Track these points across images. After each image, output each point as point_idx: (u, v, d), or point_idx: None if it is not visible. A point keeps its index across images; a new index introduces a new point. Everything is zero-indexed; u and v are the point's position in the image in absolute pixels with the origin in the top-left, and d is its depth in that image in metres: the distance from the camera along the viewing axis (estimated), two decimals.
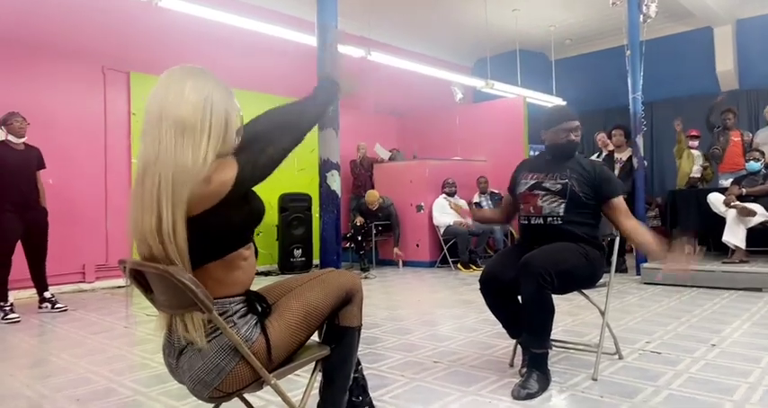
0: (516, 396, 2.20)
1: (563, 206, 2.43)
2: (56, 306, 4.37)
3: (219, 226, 1.37)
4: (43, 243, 4.39)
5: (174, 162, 1.30)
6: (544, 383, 2.28)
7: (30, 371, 2.81)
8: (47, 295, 4.41)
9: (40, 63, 5.37)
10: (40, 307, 4.38)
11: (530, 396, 2.20)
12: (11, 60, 5.19)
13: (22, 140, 4.29)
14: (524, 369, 2.50)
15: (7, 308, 4.12)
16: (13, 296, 4.28)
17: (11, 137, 4.23)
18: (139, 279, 1.48)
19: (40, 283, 4.43)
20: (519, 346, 2.59)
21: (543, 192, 2.48)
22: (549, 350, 2.36)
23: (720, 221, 5.04)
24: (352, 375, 1.72)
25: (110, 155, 5.80)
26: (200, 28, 5.74)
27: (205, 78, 1.41)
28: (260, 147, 1.41)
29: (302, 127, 1.54)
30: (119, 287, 5.65)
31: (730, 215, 4.90)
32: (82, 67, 5.66)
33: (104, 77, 5.82)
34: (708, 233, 5.84)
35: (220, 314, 1.38)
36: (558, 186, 2.46)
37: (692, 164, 6.60)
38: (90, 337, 3.54)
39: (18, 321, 4.03)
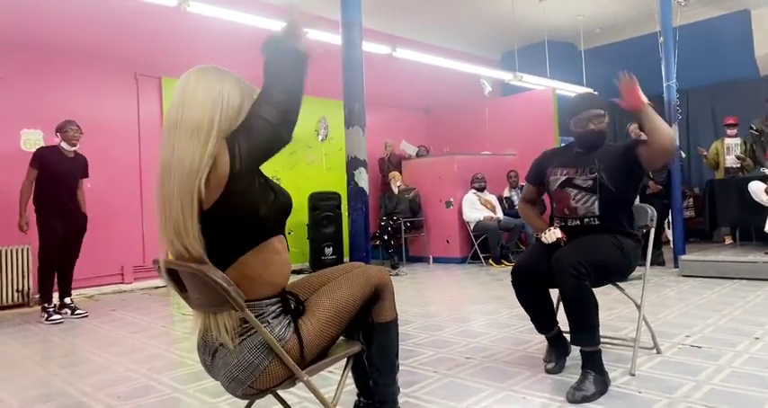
0: (571, 399, 2.07)
1: (596, 203, 2.38)
2: (75, 312, 4.36)
3: (240, 212, 1.38)
4: (77, 248, 4.47)
5: (182, 165, 1.34)
6: (601, 385, 2.13)
7: (72, 370, 2.90)
8: (67, 301, 4.42)
9: (76, 70, 5.54)
10: (58, 313, 4.32)
11: (586, 399, 2.06)
12: (46, 68, 5.37)
13: (74, 148, 4.44)
14: (550, 365, 2.47)
15: (51, 309, 4.25)
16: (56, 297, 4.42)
17: (64, 144, 4.39)
18: (175, 278, 1.51)
19: (65, 288, 4.46)
20: (548, 342, 2.54)
21: (575, 191, 2.42)
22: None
23: (762, 211, 4.87)
24: (398, 364, 1.74)
25: (144, 159, 5.95)
26: (228, 31, 5.82)
27: (219, 76, 1.43)
28: (244, 126, 1.37)
29: (276, 93, 1.36)
30: (156, 287, 5.79)
31: None
32: (116, 74, 5.82)
33: (137, 83, 5.97)
34: (749, 223, 5.65)
35: (256, 316, 1.40)
36: (589, 182, 2.40)
37: (725, 155, 6.41)
38: (129, 336, 3.64)
39: (61, 322, 4.16)
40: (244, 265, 1.42)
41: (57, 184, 4.32)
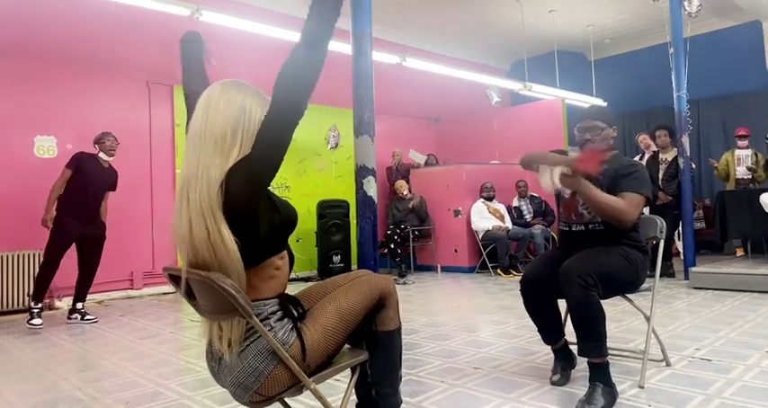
0: None
1: None
2: (85, 318, 4.40)
3: (247, 233, 1.38)
4: (97, 254, 4.53)
5: (208, 175, 1.36)
6: (610, 397, 2.11)
7: (81, 375, 2.92)
8: (79, 306, 4.46)
9: (89, 77, 5.62)
10: (69, 318, 4.41)
11: None
12: (60, 75, 5.44)
13: (110, 159, 4.56)
14: (555, 376, 2.46)
15: (36, 311, 4.24)
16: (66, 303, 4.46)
17: (102, 154, 4.51)
18: (184, 285, 1.52)
19: (81, 294, 4.50)
20: (554, 354, 2.54)
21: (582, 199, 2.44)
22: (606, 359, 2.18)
23: None
24: (401, 374, 1.73)
25: (155, 166, 6.00)
26: (239, 40, 5.89)
27: (241, 89, 1.46)
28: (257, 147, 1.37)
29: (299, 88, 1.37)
30: (165, 293, 5.82)
31: None
32: (128, 82, 5.88)
33: (149, 91, 6.03)
34: (760, 235, 5.60)
35: (257, 315, 1.41)
36: None
37: (736, 166, 6.39)
38: (138, 342, 3.66)
39: (40, 326, 4.15)
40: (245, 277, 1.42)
41: (86, 189, 4.39)
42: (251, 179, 1.35)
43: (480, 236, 6.81)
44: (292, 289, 1.59)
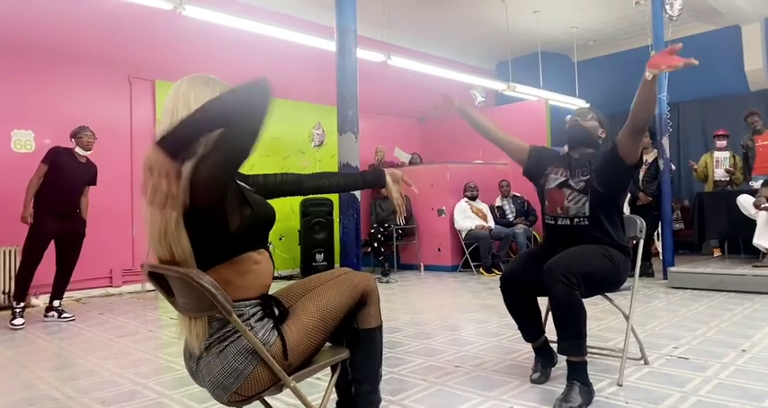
0: None
1: (587, 204, 2.41)
2: (62, 316, 4.33)
3: (215, 227, 1.38)
4: (75, 251, 4.45)
5: None
6: (587, 396, 2.14)
7: (57, 373, 2.87)
8: (56, 303, 4.38)
9: (69, 72, 5.52)
10: (46, 316, 4.34)
11: None
12: (41, 69, 5.34)
13: (88, 153, 4.48)
14: (535, 375, 2.48)
15: (18, 310, 4.16)
16: (42, 300, 4.38)
17: (78, 149, 4.43)
18: (162, 282, 1.50)
19: (58, 291, 4.42)
20: (534, 352, 2.55)
21: (569, 191, 2.47)
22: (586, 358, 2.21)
23: (751, 224, 4.91)
24: (381, 372, 1.73)
25: (136, 162, 5.91)
26: (223, 36, 5.83)
27: (209, 84, 1.45)
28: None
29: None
30: (146, 291, 5.74)
31: (761, 217, 4.78)
32: (110, 77, 5.79)
33: (131, 86, 5.95)
34: (737, 236, 5.70)
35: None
36: (582, 183, 2.45)
37: (714, 168, 6.50)
38: (116, 340, 3.60)
39: (22, 326, 4.07)
40: (219, 272, 1.40)
41: (61, 185, 4.31)
42: (215, 172, 1.32)
43: (463, 235, 6.83)
44: (274, 288, 1.57)
